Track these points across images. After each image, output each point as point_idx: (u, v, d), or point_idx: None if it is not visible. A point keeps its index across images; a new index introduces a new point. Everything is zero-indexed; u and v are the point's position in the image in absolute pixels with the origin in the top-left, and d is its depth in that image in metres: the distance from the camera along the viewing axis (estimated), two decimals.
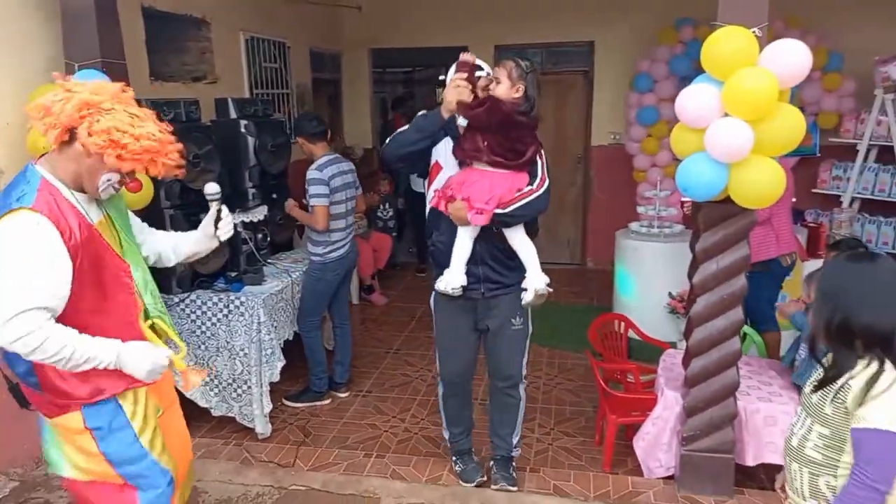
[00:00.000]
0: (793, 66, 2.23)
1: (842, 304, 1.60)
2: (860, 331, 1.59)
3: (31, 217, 1.73)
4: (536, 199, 2.60)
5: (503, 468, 3.04)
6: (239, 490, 2.94)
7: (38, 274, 1.72)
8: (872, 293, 1.59)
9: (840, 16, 5.82)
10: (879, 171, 5.67)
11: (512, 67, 2.54)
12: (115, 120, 1.75)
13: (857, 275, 1.63)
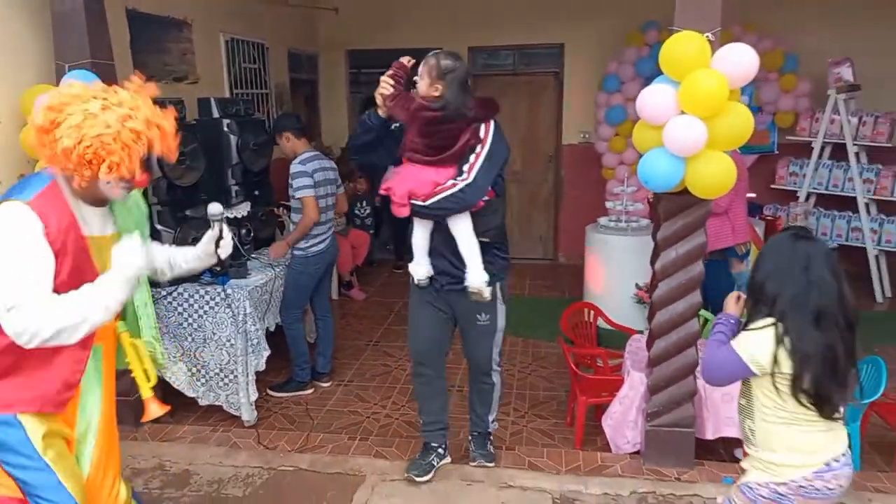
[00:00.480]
0: (742, 67, 2.45)
1: (759, 268, 1.90)
2: (758, 291, 1.87)
3: (18, 207, 1.73)
4: (456, 194, 2.58)
5: (480, 445, 3.16)
6: (230, 471, 3.07)
7: (29, 266, 1.72)
8: (778, 265, 1.85)
9: (795, 20, 6.13)
10: (833, 168, 6.00)
11: (432, 66, 2.60)
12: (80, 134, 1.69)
13: (778, 248, 1.89)
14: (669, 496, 2.87)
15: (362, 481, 2.98)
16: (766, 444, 1.90)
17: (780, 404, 1.85)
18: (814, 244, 1.87)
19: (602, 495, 2.88)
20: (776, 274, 1.84)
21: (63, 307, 1.73)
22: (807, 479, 1.84)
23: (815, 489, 1.85)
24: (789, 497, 1.88)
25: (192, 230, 3.77)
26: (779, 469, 1.88)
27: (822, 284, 1.80)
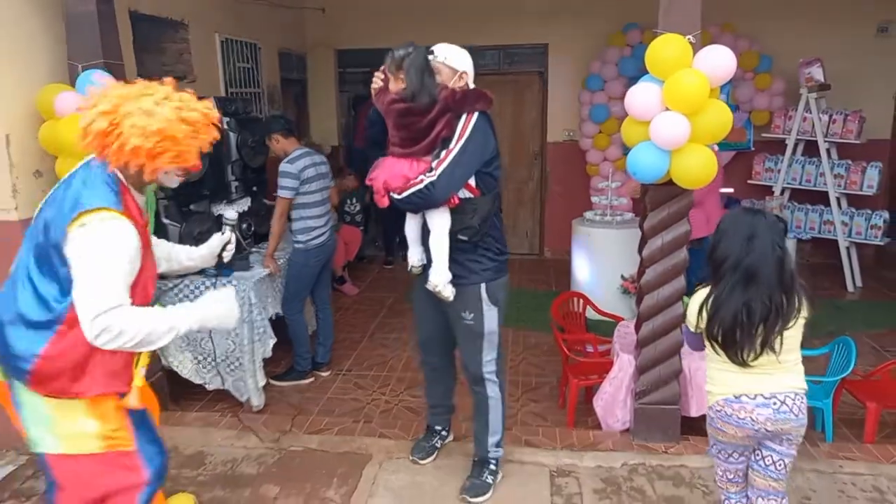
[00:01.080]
0: (721, 67, 2.65)
1: (714, 239, 2.16)
2: (710, 258, 2.15)
3: (118, 220, 1.85)
4: (422, 190, 2.52)
5: (476, 473, 2.92)
6: (241, 452, 3.22)
7: (120, 273, 1.85)
8: (727, 234, 2.11)
9: (769, 22, 6.41)
10: (806, 164, 6.28)
11: (388, 62, 2.57)
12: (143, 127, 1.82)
13: (730, 221, 2.15)
14: (658, 467, 3.07)
15: (369, 459, 3.14)
16: (707, 375, 2.30)
17: (708, 348, 2.21)
18: (760, 216, 2.12)
19: (596, 467, 3.07)
20: (724, 242, 2.11)
21: (144, 317, 1.89)
22: (719, 404, 2.20)
23: (726, 414, 2.17)
24: (714, 419, 2.24)
25: (197, 224, 3.91)
26: (708, 395, 2.28)
27: (760, 250, 2.05)
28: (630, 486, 2.93)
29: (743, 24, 6.32)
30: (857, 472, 3.01)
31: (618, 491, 2.90)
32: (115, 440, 2.03)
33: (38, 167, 3.28)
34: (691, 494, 2.87)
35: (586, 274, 5.50)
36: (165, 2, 4.55)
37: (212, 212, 4.11)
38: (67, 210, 1.86)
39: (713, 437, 2.30)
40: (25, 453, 3.29)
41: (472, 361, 2.85)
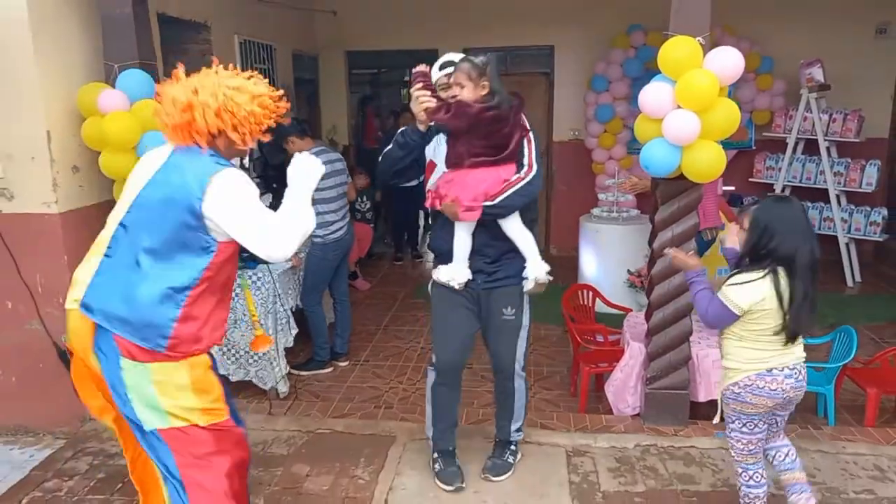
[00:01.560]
0: (729, 68, 2.81)
1: (766, 233, 2.29)
2: (773, 252, 2.28)
3: (238, 172, 2.12)
4: (525, 187, 2.62)
5: (498, 454, 3.06)
6: (272, 435, 3.37)
7: (262, 208, 2.11)
8: (786, 227, 2.28)
9: (770, 25, 6.59)
10: (806, 162, 6.44)
11: (469, 69, 2.55)
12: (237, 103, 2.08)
13: (775, 212, 2.32)
14: (669, 448, 3.23)
15: (394, 440, 3.30)
16: (726, 355, 2.48)
17: (744, 330, 2.38)
18: (797, 205, 2.34)
19: (610, 448, 3.23)
20: (780, 233, 2.27)
21: (290, 220, 2.14)
22: (750, 379, 2.39)
23: (757, 387, 2.39)
24: (742, 395, 2.42)
25: None
26: (730, 372, 2.45)
27: (807, 239, 2.27)
28: (643, 465, 3.09)
29: (744, 26, 6.48)
30: (859, 452, 3.17)
31: (631, 469, 3.06)
32: (213, 413, 2.15)
33: (76, 163, 3.42)
34: (701, 472, 3.03)
35: (593, 269, 5.66)
36: (190, 4, 4.71)
37: None
38: (194, 180, 2.03)
39: (739, 412, 2.47)
40: (62, 437, 3.45)
41: (508, 357, 2.92)
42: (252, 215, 2.07)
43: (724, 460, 3.11)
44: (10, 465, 3.19)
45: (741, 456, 2.54)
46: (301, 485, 2.94)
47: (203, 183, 2.02)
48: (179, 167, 2.09)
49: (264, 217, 2.09)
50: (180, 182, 2.05)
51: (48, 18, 3.25)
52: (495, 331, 2.90)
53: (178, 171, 2.08)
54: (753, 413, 2.44)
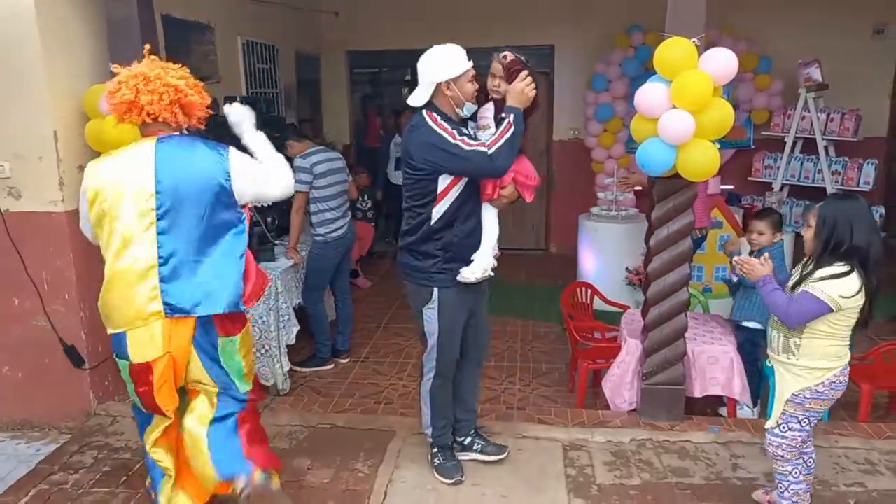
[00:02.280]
0: (724, 68, 2.86)
1: (838, 228, 2.36)
2: (847, 247, 2.34)
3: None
4: None
5: (485, 439, 3.18)
6: (274, 429, 3.42)
7: None
8: (856, 222, 2.35)
9: (768, 24, 6.63)
10: (804, 161, 6.48)
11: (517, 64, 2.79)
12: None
13: (845, 208, 2.38)
14: (665, 442, 3.28)
15: (393, 435, 3.36)
16: (809, 355, 2.44)
17: (833, 326, 2.39)
18: (863, 201, 2.42)
19: (606, 442, 3.28)
20: (845, 227, 2.34)
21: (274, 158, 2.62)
22: (835, 375, 2.43)
23: (840, 382, 2.45)
24: (825, 392, 2.44)
25: None
26: (815, 372, 2.43)
27: (876, 232, 2.37)
28: (638, 459, 3.14)
29: (743, 26, 6.52)
30: (851, 446, 3.22)
31: (627, 463, 3.11)
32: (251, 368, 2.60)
33: (81, 162, 3.48)
34: (696, 465, 3.08)
35: (592, 267, 5.72)
36: (194, 6, 4.77)
37: None
38: (213, 162, 2.40)
39: (817, 410, 2.49)
40: (68, 432, 3.51)
41: (488, 335, 3.20)
42: (260, 173, 2.49)
43: (717, 454, 3.17)
44: (17, 459, 3.25)
45: (791, 453, 2.53)
46: (303, 478, 3.00)
47: (224, 160, 2.42)
48: (189, 150, 2.38)
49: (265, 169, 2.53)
50: (203, 170, 2.34)
51: (56, 20, 3.31)
52: (483, 319, 3.05)
53: (189, 163, 2.34)
54: (823, 408, 2.51)
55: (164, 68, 2.42)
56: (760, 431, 3.34)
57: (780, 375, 2.55)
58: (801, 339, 2.44)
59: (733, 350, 3.60)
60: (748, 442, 3.26)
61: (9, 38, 3.20)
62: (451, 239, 2.80)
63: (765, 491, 2.82)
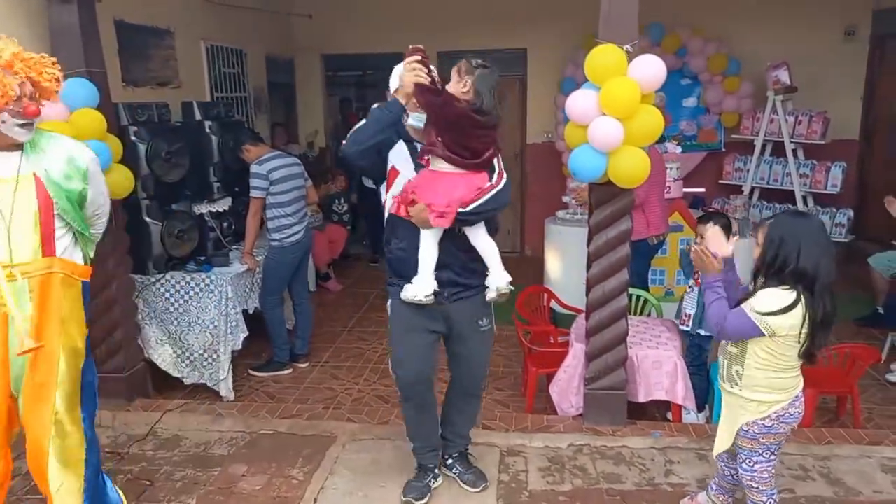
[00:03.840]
0: (652, 76, 2.86)
1: (784, 248, 2.20)
2: (793, 268, 2.19)
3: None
4: (497, 194, 2.58)
5: (466, 465, 3.05)
6: (215, 436, 3.44)
7: None
8: (805, 242, 2.19)
9: (738, 26, 6.63)
10: (774, 164, 6.50)
11: (461, 64, 2.54)
12: None
13: (793, 226, 2.24)
14: (602, 447, 3.29)
15: (334, 441, 3.37)
16: (751, 385, 2.32)
17: (775, 355, 2.26)
18: (816, 220, 2.30)
19: (544, 447, 3.29)
20: (792, 247, 2.18)
21: None
22: (783, 408, 2.31)
23: (788, 414, 2.33)
24: (774, 426, 2.34)
25: (178, 222, 4.14)
26: (760, 406, 2.31)
27: (828, 254, 2.20)
28: (573, 465, 3.15)
29: (712, 27, 6.53)
30: (786, 451, 3.21)
31: (561, 469, 3.12)
32: None
33: None
34: (629, 471, 3.09)
35: (558, 270, 5.72)
36: (151, 11, 4.78)
37: (193, 211, 4.33)
38: None
39: (771, 443, 2.37)
40: None
41: (479, 368, 2.93)
42: None
43: (653, 460, 3.17)
44: None
45: (766, 484, 2.40)
46: (235, 485, 3.01)
47: None
48: None
49: None
50: None
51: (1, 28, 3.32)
52: (470, 343, 2.84)
53: None
54: (779, 440, 2.38)
55: None
56: (700, 436, 3.37)
57: (726, 404, 2.47)
58: (743, 369, 2.33)
59: (677, 354, 3.60)
60: (684, 447, 3.27)
61: None
62: (393, 253, 2.72)
63: (690, 497, 2.82)
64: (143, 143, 3.85)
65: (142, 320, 4.02)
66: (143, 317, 4.03)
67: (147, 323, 4.04)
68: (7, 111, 2.07)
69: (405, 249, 2.65)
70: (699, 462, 3.15)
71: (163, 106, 4.13)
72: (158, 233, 3.99)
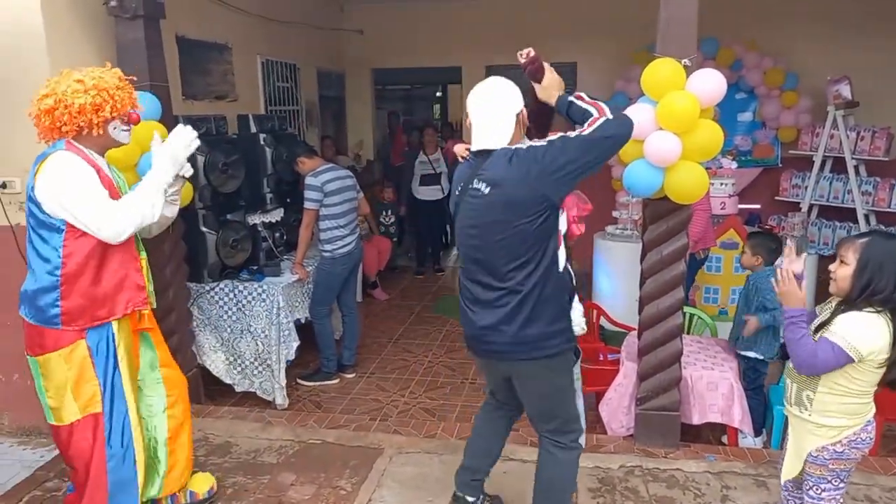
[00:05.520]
0: (711, 90, 2.81)
1: (882, 274, 2.10)
2: (885, 296, 2.09)
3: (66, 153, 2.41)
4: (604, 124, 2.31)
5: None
6: (265, 443, 3.47)
7: (96, 187, 2.41)
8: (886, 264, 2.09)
9: (795, 40, 6.47)
10: (833, 180, 6.28)
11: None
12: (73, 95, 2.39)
13: (892, 252, 2.12)
14: (654, 470, 3.20)
15: (381, 453, 3.36)
16: (823, 410, 2.20)
17: (852, 381, 2.14)
18: None
19: (594, 468, 3.22)
20: (890, 272, 2.09)
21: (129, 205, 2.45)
22: (855, 433, 2.20)
23: (861, 440, 2.22)
24: (845, 452, 2.23)
25: (232, 232, 4.22)
26: (830, 431, 2.20)
27: None
28: (625, 487, 3.07)
29: (769, 42, 6.39)
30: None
31: (612, 490, 3.04)
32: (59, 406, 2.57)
33: None
34: (683, 496, 2.99)
35: (607, 286, 5.63)
36: (211, 27, 4.93)
37: (247, 221, 4.42)
38: (31, 170, 2.44)
39: (842, 470, 2.27)
40: None
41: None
42: (76, 195, 2.36)
43: (708, 485, 3.07)
44: (21, 465, 3.37)
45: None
46: (284, 493, 3.03)
47: (33, 171, 2.42)
48: None
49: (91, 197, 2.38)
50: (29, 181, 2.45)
51: (65, 43, 3.45)
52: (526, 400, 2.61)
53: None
54: (850, 467, 2.27)
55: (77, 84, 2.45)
56: (758, 461, 3.25)
57: (793, 428, 2.36)
58: (815, 394, 2.20)
59: (734, 376, 3.50)
60: (741, 472, 3.15)
61: (20, 61, 3.36)
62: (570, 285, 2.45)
63: None
64: (201, 155, 3.94)
65: (196, 327, 4.11)
66: (198, 324, 4.12)
67: (201, 330, 4.13)
68: (119, 119, 2.49)
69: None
70: (757, 488, 3.03)
71: (220, 119, 4.24)
72: (214, 242, 4.08)
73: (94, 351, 2.48)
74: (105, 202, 2.41)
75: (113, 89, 2.44)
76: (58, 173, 2.37)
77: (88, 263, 2.43)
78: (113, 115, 2.44)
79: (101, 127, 2.44)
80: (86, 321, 2.46)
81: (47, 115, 2.41)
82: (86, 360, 2.47)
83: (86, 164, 2.43)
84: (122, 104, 2.47)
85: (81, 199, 2.37)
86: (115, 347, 2.52)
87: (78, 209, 2.37)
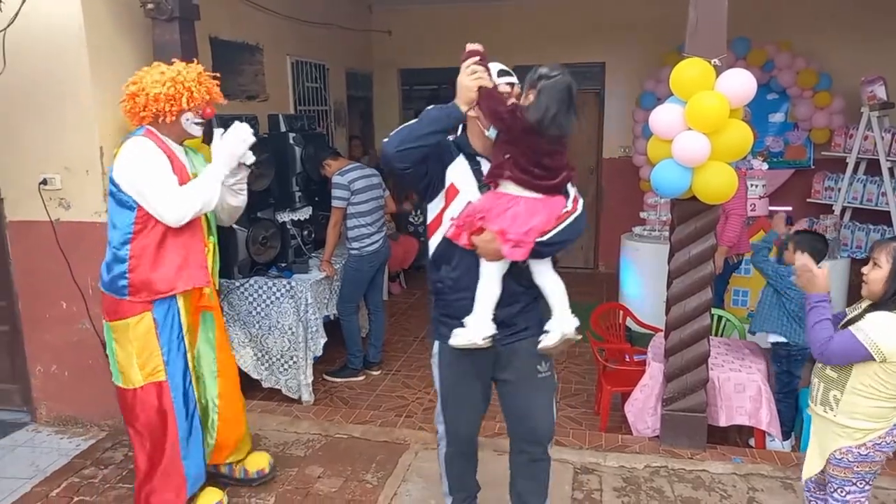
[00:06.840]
0: (740, 90, 2.79)
1: None
2: None
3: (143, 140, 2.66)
4: (575, 221, 2.20)
5: None
6: (293, 437, 3.54)
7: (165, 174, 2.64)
8: None
9: (828, 40, 6.36)
10: (867, 183, 6.16)
11: (529, 76, 2.18)
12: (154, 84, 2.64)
13: None
14: (680, 470, 3.19)
15: (406, 448, 3.40)
16: (850, 412, 2.21)
17: (881, 382, 2.15)
18: None
19: (619, 467, 3.22)
20: None
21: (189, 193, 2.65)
22: (881, 436, 2.20)
23: (886, 443, 2.21)
24: (870, 454, 2.23)
25: (262, 229, 4.30)
26: (856, 433, 2.21)
27: None
28: (650, 486, 3.07)
29: (801, 42, 6.29)
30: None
31: (637, 490, 3.04)
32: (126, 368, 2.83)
33: None
34: (709, 497, 2.98)
35: (634, 287, 5.61)
36: (243, 28, 5.02)
37: (276, 219, 4.49)
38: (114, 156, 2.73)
39: (867, 472, 2.26)
40: (107, 429, 3.73)
41: (546, 423, 2.44)
42: (145, 180, 2.59)
43: (734, 486, 3.05)
44: (58, 453, 3.48)
45: None
46: (312, 486, 3.09)
47: (113, 154, 2.69)
48: None
49: (158, 182, 2.60)
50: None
51: (105, 46, 3.55)
52: (530, 393, 2.39)
53: None
54: (875, 469, 2.26)
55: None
56: (785, 464, 3.22)
57: (817, 428, 2.35)
58: (843, 395, 2.20)
59: (762, 378, 3.46)
60: (768, 475, 3.13)
61: (62, 61, 3.47)
62: (443, 282, 2.29)
63: None
64: None
65: (227, 322, 4.18)
66: (228, 319, 4.19)
67: (231, 325, 4.21)
68: (193, 111, 2.70)
69: (455, 279, 2.25)
70: (784, 491, 3.01)
71: (251, 118, 4.30)
72: (244, 239, 4.16)
73: (161, 323, 2.70)
74: (169, 189, 2.62)
75: (190, 82, 2.65)
76: (130, 157, 2.61)
77: (155, 241, 2.66)
78: (188, 107, 2.66)
79: (173, 115, 2.64)
80: (150, 293, 2.67)
81: (130, 99, 2.67)
82: (151, 331, 2.70)
83: (158, 151, 2.65)
84: (198, 98, 2.68)
85: (149, 184, 2.60)
86: (179, 322, 2.73)
87: (146, 192, 2.60)
